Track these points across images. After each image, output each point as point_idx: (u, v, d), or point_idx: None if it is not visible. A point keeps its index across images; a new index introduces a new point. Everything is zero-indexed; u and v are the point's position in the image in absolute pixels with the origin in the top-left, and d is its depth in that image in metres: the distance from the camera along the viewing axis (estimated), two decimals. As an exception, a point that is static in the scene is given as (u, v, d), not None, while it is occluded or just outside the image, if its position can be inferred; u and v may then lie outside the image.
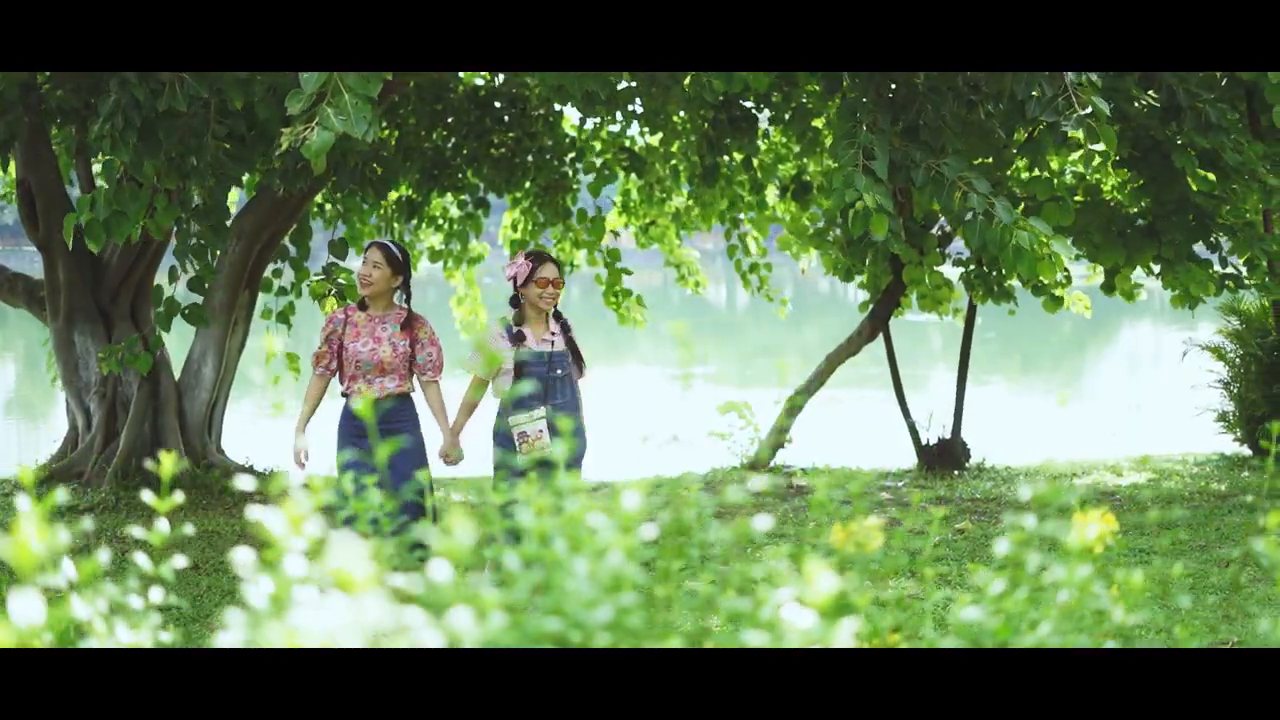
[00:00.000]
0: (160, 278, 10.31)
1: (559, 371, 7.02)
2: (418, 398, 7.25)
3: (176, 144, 7.76)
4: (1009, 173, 9.87)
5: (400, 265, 7.17)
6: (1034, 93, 7.56)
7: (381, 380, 7.04)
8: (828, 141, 11.22)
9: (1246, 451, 12.10)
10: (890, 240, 7.50)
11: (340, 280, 10.40)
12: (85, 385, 10.92)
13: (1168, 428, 14.69)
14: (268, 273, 11.38)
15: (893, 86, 8.23)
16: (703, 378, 24.20)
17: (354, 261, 11.42)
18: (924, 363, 27.88)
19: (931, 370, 26.16)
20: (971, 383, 12.25)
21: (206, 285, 9.66)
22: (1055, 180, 9.05)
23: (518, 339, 6.96)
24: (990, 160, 9.84)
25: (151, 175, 7.12)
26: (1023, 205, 9.15)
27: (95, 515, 9.58)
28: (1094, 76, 7.65)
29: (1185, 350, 12.10)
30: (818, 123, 11.68)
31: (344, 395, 7.16)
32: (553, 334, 7.06)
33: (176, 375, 11.00)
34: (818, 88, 10.41)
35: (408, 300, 7.27)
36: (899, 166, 7.84)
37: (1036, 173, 9.72)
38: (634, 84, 11.03)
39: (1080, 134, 7.54)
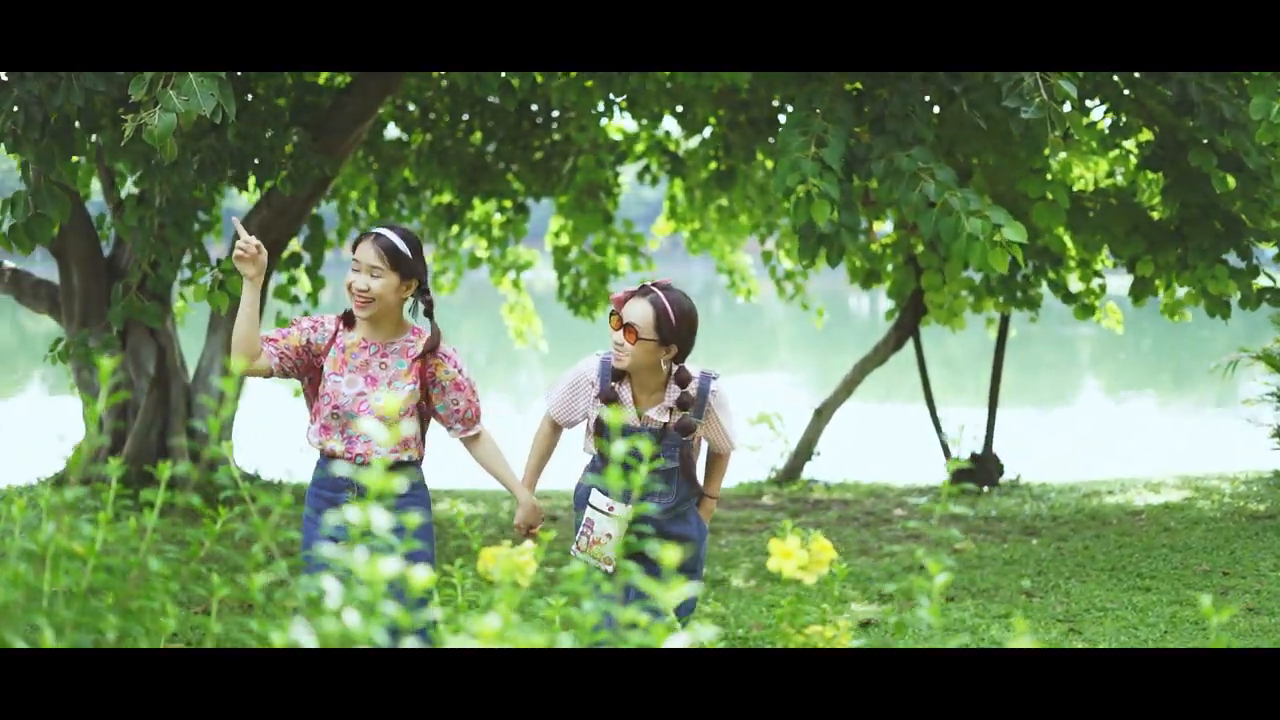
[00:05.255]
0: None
1: (662, 461, 4.85)
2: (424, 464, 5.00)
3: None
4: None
5: (411, 265, 4.75)
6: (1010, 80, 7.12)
7: (367, 440, 4.74)
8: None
9: (1303, 470, 11.40)
10: (843, 236, 7.09)
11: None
12: (98, 391, 10.89)
13: (1230, 443, 14.00)
14: (283, 280, 11.33)
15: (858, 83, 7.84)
16: (790, 385, 23.83)
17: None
18: (1063, 372, 27.12)
19: (1080, 382, 25.43)
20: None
21: (169, 284, 9.39)
22: (1052, 179, 8.51)
23: (606, 396, 4.82)
24: (1018, 157, 9.36)
25: (70, 175, 6.91)
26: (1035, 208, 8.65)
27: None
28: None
29: (1235, 360, 11.40)
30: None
31: (317, 449, 4.85)
32: (670, 408, 4.82)
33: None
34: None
35: (429, 311, 4.87)
36: (860, 160, 7.44)
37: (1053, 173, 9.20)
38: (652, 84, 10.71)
39: (1050, 124, 7.03)
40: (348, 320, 4.80)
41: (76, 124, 6.97)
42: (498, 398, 20.58)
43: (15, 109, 6.49)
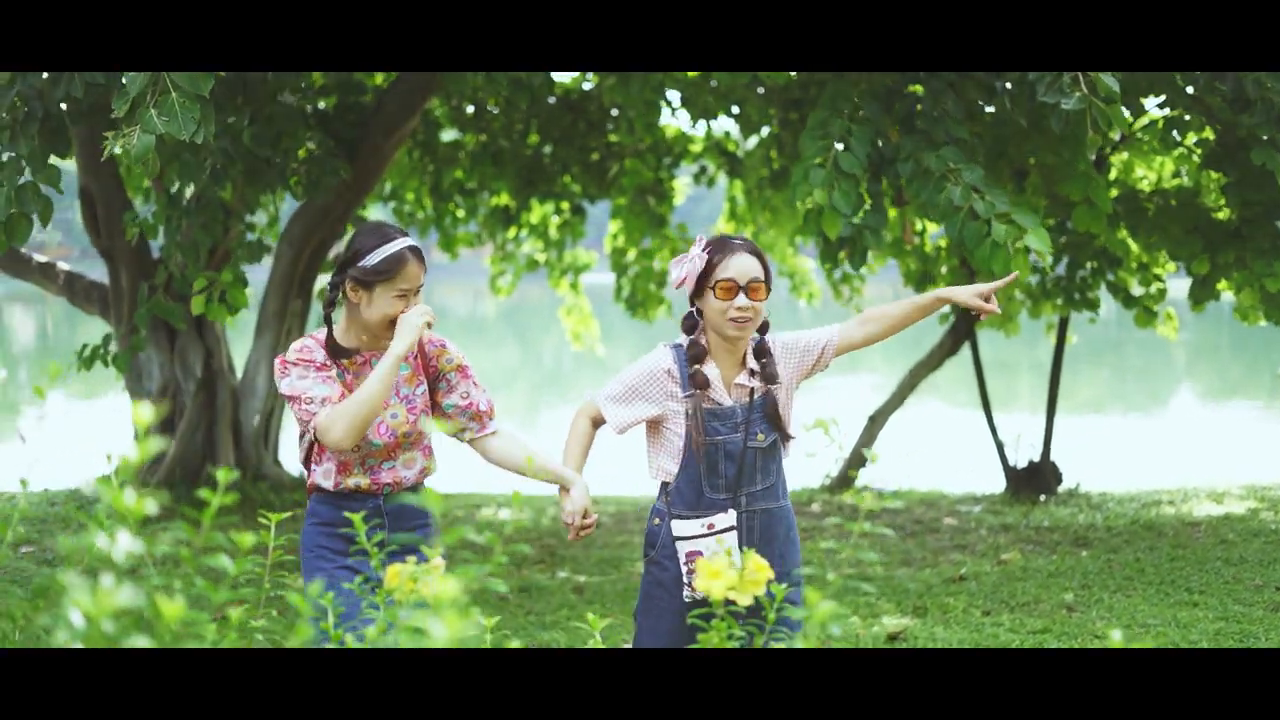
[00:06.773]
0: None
1: (760, 437, 4.20)
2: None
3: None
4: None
5: None
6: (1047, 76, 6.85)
7: (392, 468, 4.22)
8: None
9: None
10: (865, 238, 6.86)
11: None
12: (147, 393, 10.88)
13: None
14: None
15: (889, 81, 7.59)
16: (879, 389, 23.45)
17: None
18: (1159, 378, 26.59)
19: (1161, 388, 24.93)
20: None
21: (195, 285, 9.26)
22: (1098, 181, 8.17)
23: (695, 382, 4.18)
24: (1068, 158, 9.06)
25: (57, 175, 6.77)
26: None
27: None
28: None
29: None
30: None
31: (320, 490, 4.23)
32: (753, 373, 4.23)
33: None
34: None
35: None
36: (889, 161, 7.20)
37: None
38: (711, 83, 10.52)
39: (1086, 115, 6.73)
40: (333, 348, 4.16)
41: (68, 121, 6.86)
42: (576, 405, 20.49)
43: (17, 103, 6.42)
